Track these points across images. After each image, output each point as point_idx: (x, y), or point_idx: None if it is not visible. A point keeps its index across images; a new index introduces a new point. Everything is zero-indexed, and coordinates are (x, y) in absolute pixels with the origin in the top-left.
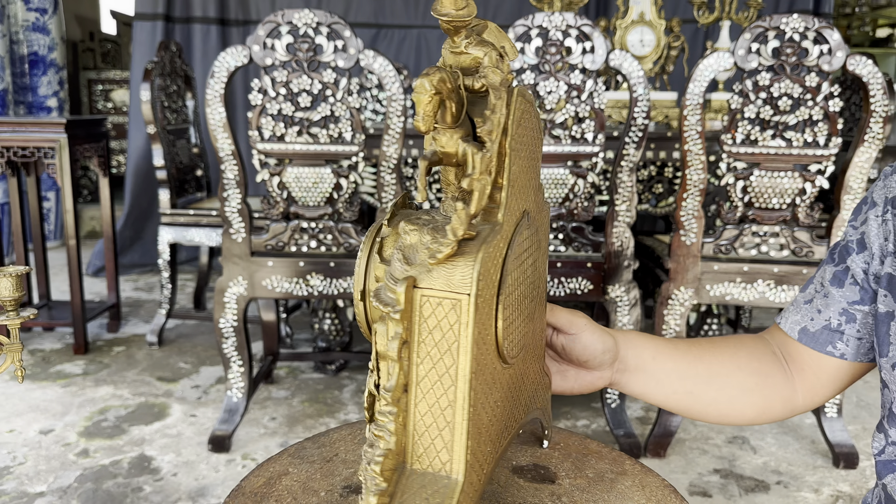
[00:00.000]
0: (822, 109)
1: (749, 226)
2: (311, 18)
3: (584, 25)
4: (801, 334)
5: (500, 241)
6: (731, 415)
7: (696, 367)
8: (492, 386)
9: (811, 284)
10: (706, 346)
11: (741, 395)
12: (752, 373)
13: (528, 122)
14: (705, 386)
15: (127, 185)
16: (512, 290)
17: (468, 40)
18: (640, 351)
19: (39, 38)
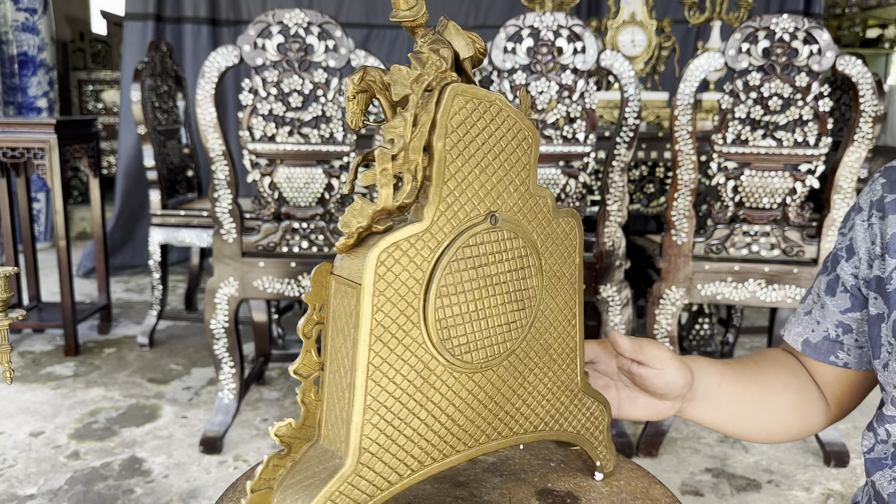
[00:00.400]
0: (812, 109)
1: (740, 225)
2: (301, 18)
3: (576, 25)
4: (804, 346)
5: (426, 239)
6: (778, 434)
7: (751, 391)
8: (424, 385)
9: (809, 295)
10: (755, 367)
11: (787, 413)
12: (794, 390)
13: (488, 123)
14: (759, 408)
15: (117, 185)
16: (460, 291)
17: (423, 39)
18: (709, 379)
19: (29, 38)
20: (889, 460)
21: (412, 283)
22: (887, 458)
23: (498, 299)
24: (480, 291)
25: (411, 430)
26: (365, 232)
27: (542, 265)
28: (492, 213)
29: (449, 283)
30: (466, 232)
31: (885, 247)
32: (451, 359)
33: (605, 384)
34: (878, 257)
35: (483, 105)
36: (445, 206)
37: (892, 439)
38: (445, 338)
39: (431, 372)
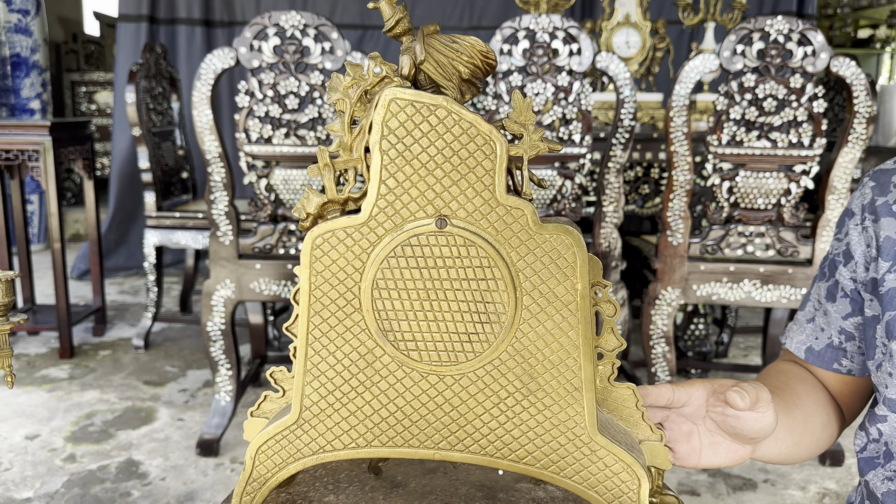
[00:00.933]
0: (807, 110)
1: (735, 226)
2: (298, 20)
3: (571, 27)
4: (807, 353)
5: (364, 231)
6: (815, 451)
7: (795, 417)
8: (367, 370)
9: (809, 302)
10: (790, 391)
11: (822, 431)
12: (824, 404)
13: (429, 128)
14: (803, 433)
15: (111, 187)
16: (401, 287)
17: (402, 47)
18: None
19: (22, 39)
20: (881, 459)
21: (350, 270)
22: (879, 458)
23: (451, 305)
24: (427, 293)
25: (355, 406)
26: (318, 219)
27: (518, 281)
28: (441, 217)
29: (388, 277)
30: (407, 230)
31: (878, 249)
32: (394, 352)
33: (688, 430)
34: (874, 260)
35: (426, 109)
36: (385, 204)
37: (883, 438)
38: (387, 329)
39: (377, 359)
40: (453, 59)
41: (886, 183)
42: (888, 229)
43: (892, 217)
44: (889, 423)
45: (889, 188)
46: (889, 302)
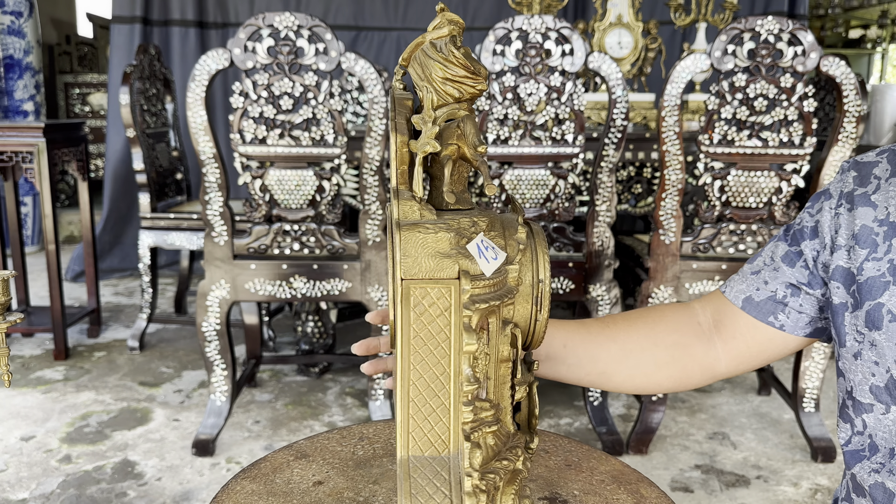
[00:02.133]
0: (797, 110)
1: (727, 224)
2: (292, 21)
3: (564, 28)
4: (745, 303)
5: None
6: (648, 387)
7: (608, 348)
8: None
9: (759, 257)
10: (622, 324)
11: (657, 369)
12: (669, 346)
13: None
14: (618, 365)
15: (105, 189)
16: None
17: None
18: (551, 340)
19: (15, 41)
20: (867, 452)
21: None
22: (865, 450)
23: None
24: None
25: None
26: None
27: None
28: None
29: None
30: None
31: (854, 238)
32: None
33: None
34: (841, 248)
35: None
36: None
37: (868, 430)
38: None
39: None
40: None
41: (867, 175)
42: (865, 218)
43: (869, 207)
44: (874, 414)
45: (869, 179)
46: (868, 291)
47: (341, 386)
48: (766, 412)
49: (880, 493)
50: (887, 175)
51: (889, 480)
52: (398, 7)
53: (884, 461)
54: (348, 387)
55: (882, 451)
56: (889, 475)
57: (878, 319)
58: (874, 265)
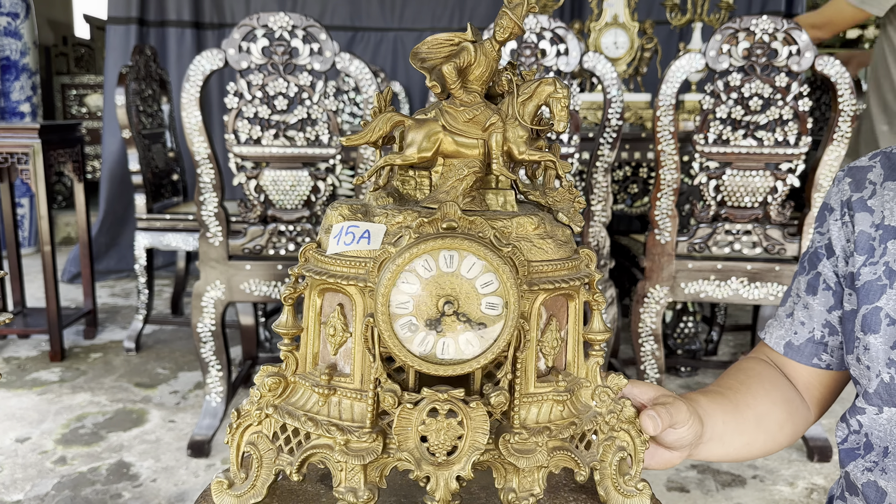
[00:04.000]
0: (792, 109)
1: (722, 224)
2: (286, 22)
3: (559, 28)
4: (786, 349)
5: None
6: (772, 449)
7: (747, 417)
8: None
9: (789, 297)
10: (744, 390)
11: (779, 429)
12: (783, 404)
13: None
14: (756, 433)
15: (101, 190)
16: None
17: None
18: (715, 420)
19: (11, 42)
20: (861, 450)
21: None
22: (860, 448)
23: None
24: None
25: None
26: None
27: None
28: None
29: None
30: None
31: (854, 244)
32: None
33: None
34: (852, 254)
35: None
36: None
37: (864, 430)
38: None
39: None
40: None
41: (862, 180)
42: (862, 224)
43: (866, 212)
44: (868, 415)
45: (864, 184)
46: (865, 295)
47: None
48: None
49: (873, 492)
50: (881, 179)
51: (881, 479)
52: (394, 7)
53: (877, 460)
54: None
55: (876, 450)
56: (882, 474)
57: (874, 323)
58: (871, 269)
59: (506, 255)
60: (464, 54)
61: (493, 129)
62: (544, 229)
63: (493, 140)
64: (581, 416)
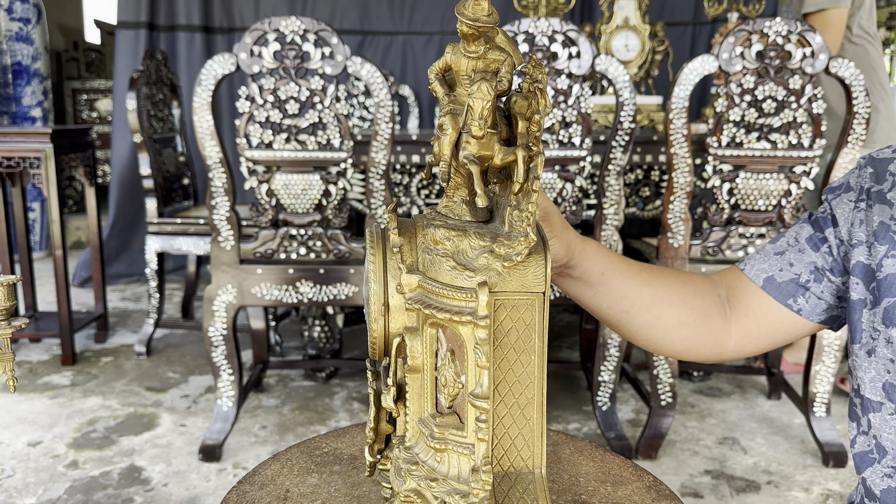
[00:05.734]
0: (806, 111)
1: (736, 227)
2: (297, 26)
3: (570, 31)
4: (766, 282)
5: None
6: (659, 343)
7: (640, 291)
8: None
9: (783, 238)
10: (658, 274)
11: (676, 328)
12: (693, 309)
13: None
14: (643, 310)
15: (111, 194)
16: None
17: (487, 45)
18: (593, 265)
19: (23, 47)
20: (875, 454)
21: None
22: (872, 451)
23: None
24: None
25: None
26: None
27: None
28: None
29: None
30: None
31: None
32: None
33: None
34: (863, 243)
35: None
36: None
37: (872, 430)
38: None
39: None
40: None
41: (883, 171)
42: (882, 215)
43: (885, 205)
44: (881, 414)
45: (885, 177)
46: (888, 288)
47: (348, 391)
48: (776, 417)
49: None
50: None
51: None
52: (404, 11)
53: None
54: (355, 392)
55: (890, 454)
56: None
57: None
58: (892, 262)
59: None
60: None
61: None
62: (452, 247)
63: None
64: None
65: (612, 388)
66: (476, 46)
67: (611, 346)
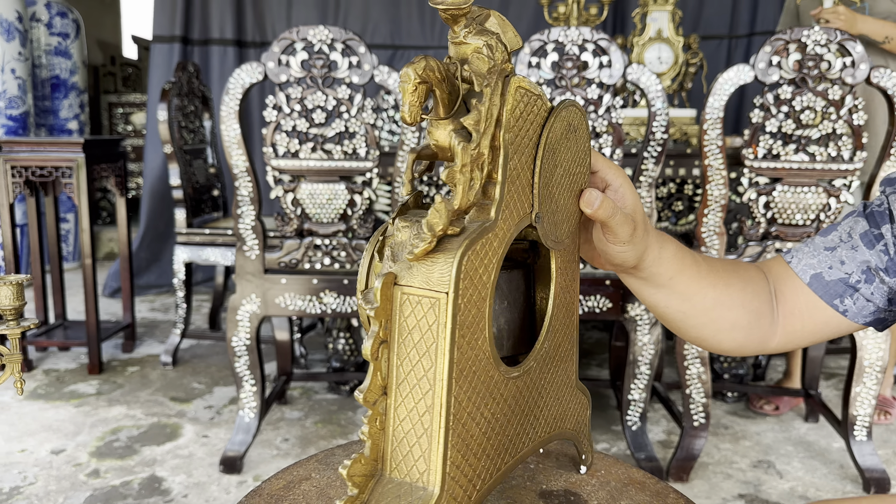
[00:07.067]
0: (846, 123)
1: (772, 242)
2: (325, 35)
3: (601, 40)
4: (813, 279)
5: (492, 239)
6: (708, 342)
7: (704, 294)
8: (486, 395)
9: (834, 231)
10: (724, 274)
11: (729, 330)
12: (749, 312)
13: (534, 117)
14: (702, 313)
15: (143, 205)
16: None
17: (467, 29)
18: (664, 270)
19: (61, 62)
20: None
21: (481, 286)
22: None
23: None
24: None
25: (477, 445)
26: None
27: (561, 266)
28: (538, 214)
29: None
30: (515, 231)
31: None
32: (502, 366)
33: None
34: None
35: (532, 98)
36: (505, 205)
37: None
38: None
39: (492, 381)
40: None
41: None
42: None
43: None
44: None
45: None
46: None
47: None
48: (813, 440)
49: None
50: None
51: None
52: (434, 25)
53: None
54: None
55: None
56: None
57: None
58: None
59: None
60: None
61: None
62: (397, 238)
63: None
64: None
65: (642, 407)
66: (457, 31)
67: (641, 363)
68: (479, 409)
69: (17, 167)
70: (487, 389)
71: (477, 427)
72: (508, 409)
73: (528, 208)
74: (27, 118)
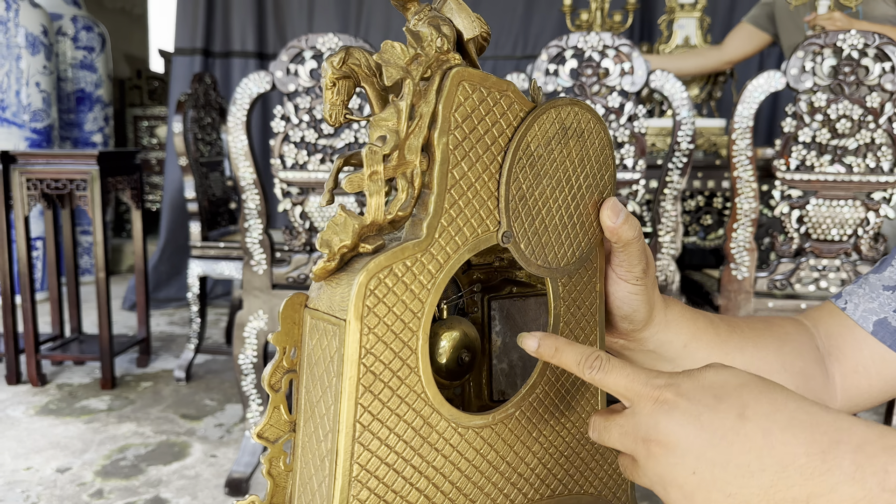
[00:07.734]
0: (886, 132)
1: (806, 259)
2: (335, 43)
3: (623, 45)
4: (878, 327)
5: (425, 260)
6: None
7: (731, 360)
8: (424, 446)
9: (890, 266)
10: (751, 334)
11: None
12: (794, 374)
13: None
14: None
15: (162, 219)
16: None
17: (418, 17)
18: (674, 336)
19: (87, 75)
20: None
21: (409, 316)
22: None
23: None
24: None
25: (409, 502)
26: (350, 253)
27: (563, 294)
28: (506, 234)
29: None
30: (469, 253)
31: None
32: (451, 413)
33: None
34: None
35: (493, 95)
36: (449, 220)
37: None
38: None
39: (433, 429)
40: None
41: None
42: None
43: None
44: None
45: None
46: None
47: None
48: None
49: None
50: None
51: None
52: None
53: None
54: None
55: None
56: None
57: None
58: None
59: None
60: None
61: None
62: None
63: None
64: None
65: None
66: (409, 17)
67: None
68: (411, 460)
69: (33, 180)
70: (426, 439)
71: (409, 483)
72: (468, 465)
73: (494, 225)
74: (51, 131)
